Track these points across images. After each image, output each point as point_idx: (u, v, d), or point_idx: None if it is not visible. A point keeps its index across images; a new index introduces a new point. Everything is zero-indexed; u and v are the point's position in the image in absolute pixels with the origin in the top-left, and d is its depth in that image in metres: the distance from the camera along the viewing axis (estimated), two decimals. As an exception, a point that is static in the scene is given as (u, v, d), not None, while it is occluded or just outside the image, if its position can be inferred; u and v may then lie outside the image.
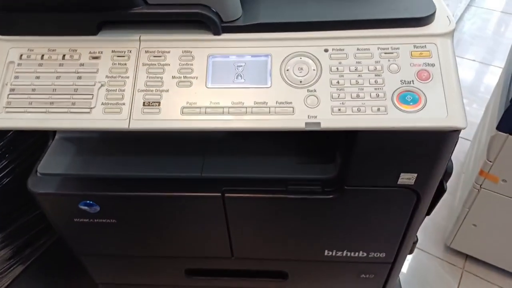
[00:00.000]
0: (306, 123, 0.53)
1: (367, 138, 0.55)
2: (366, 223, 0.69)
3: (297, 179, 0.66)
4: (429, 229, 1.88)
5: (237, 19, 0.57)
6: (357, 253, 0.76)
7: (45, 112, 0.55)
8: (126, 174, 0.68)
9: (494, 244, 1.57)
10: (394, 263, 0.79)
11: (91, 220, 0.71)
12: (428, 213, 0.72)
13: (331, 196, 0.64)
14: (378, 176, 0.60)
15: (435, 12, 0.55)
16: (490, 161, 1.26)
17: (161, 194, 0.66)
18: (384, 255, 0.76)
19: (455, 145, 0.59)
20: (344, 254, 0.76)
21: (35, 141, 0.84)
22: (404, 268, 1.77)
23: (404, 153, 0.56)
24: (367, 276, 0.82)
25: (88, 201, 0.67)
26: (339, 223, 0.70)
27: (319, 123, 0.53)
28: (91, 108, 0.55)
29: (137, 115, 0.54)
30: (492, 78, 2.50)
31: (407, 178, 0.60)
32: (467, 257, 1.76)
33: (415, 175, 0.59)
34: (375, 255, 0.76)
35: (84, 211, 0.69)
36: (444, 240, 1.79)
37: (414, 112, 0.52)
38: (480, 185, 1.37)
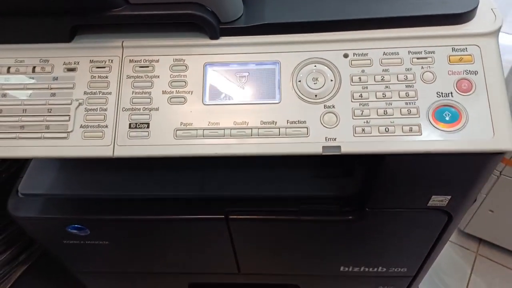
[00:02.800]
0: (323, 147, 0.44)
1: (395, 161, 0.47)
2: (387, 243, 0.62)
3: (311, 197, 0.58)
4: (441, 212, 1.82)
5: (238, 19, 0.47)
6: (376, 268, 0.69)
7: (15, 138, 0.47)
8: (117, 194, 0.60)
9: (510, 229, 1.51)
10: (416, 276, 0.72)
11: (82, 242, 0.64)
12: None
13: (349, 217, 0.56)
14: (405, 199, 0.52)
15: (477, 5, 0.45)
16: (513, 148, 1.18)
17: (155, 218, 0.59)
18: (405, 270, 0.69)
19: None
20: (362, 270, 0.70)
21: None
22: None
23: (438, 176, 0.48)
24: (386, 288, 0.76)
25: (76, 225, 0.60)
26: (358, 243, 0.62)
27: (339, 147, 0.44)
28: (68, 132, 0.46)
29: (123, 139, 0.46)
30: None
31: (439, 200, 0.52)
32: (480, 241, 1.70)
33: (449, 197, 0.51)
34: (395, 270, 0.69)
35: (73, 234, 0.62)
36: (457, 225, 1.73)
37: (453, 132, 0.43)
38: (500, 172, 1.29)
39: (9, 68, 0.48)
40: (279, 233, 0.61)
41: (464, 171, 0.47)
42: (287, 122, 0.45)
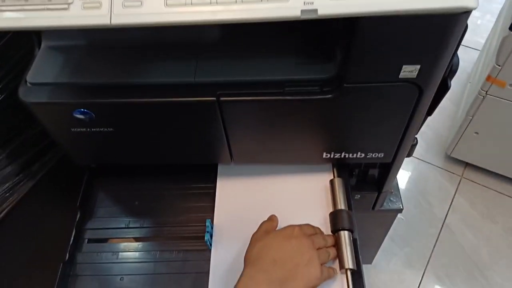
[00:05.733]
0: (301, 11, 0.49)
1: (367, 26, 0.51)
2: (365, 121, 0.68)
3: (295, 80, 0.63)
4: (430, 140, 1.89)
5: None
6: (355, 154, 0.76)
7: (20, 10, 0.51)
8: (118, 81, 0.65)
9: (494, 151, 1.59)
10: (393, 163, 0.79)
11: (88, 129, 0.70)
12: (429, 113, 0.70)
13: (329, 96, 0.62)
14: (379, 70, 0.57)
15: None
16: (499, 65, 1.22)
17: (154, 100, 0.64)
18: (382, 155, 0.76)
19: (463, 34, 0.55)
20: (342, 156, 0.77)
21: (25, 53, 0.81)
22: (404, 179, 1.82)
23: (407, 42, 0.53)
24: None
25: (82, 109, 0.66)
26: (338, 123, 0.68)
27: (315, 10, 0.48)
28: (68, 3, 0.51)
29: (118, 9, 0.50)
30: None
31: (409, 71, 0.57)
32: (466, 165, 1.79)
33: (418, 66, 0.56)
34: (373, 156, 0.76)
35: (80, 119, 0.68)
36: (444, 150, 1.81)
37: (419, -6, 0.47)
38: (486, 91, 1.34)
39: None
40: (267, 116, 0.67)
41: (430, 35, 0.51)
42: (269, -10, 0.49)
